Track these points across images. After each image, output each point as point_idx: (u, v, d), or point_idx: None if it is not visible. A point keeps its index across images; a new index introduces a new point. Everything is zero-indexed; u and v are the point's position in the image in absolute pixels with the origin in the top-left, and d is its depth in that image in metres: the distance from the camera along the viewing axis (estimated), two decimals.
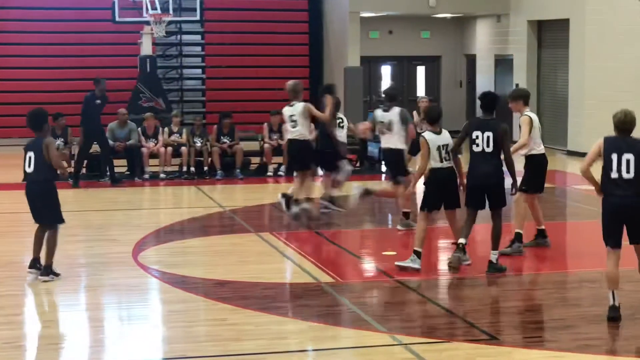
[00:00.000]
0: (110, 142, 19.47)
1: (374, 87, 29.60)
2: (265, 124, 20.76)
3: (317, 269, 11.59)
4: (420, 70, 30.36)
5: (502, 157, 11.21)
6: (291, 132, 14.53)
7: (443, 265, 11.63)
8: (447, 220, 11.78)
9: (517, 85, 26.29)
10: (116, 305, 10.30)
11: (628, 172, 8.99)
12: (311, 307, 10.01)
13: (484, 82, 28.46)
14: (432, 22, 29.41)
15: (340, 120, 15.80)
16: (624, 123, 9.23)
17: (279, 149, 20.38)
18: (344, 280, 11.09)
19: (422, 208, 11.47)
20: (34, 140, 10.81)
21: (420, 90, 29.80)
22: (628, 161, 9.00)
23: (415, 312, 9.98)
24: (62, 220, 10.99)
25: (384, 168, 15.47)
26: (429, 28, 29.75)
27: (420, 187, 12.26)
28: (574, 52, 24.11)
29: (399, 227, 14.08)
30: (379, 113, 14.06)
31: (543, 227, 12.55)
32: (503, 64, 27.53)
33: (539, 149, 12.22)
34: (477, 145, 11.15)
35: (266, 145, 20.45)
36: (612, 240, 9.19)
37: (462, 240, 11.34)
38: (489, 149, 11.08)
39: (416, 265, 11.25)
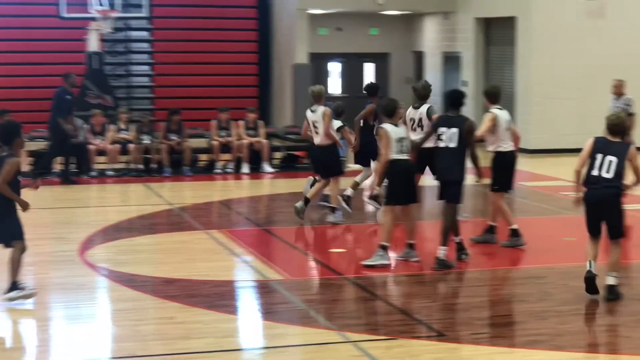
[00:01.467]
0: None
1: (323, 84, 29.55)
2: (214, 121, 20.69)
3: (266, 266, 11.58)
4: (369, 67, 30.42)
5: (467, 153, 11.31)
6: (315, 138, 14.23)
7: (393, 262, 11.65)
8: (402, 215, 11.69)
9: (464, 82, 26.46)
10: (63, 304, 10.21)
11: (608, 172, 9.62)
12: (260, 305, 10.01)
13: (433, 79, 28.57)
14: (380, 19, 29.48)
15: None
16: (614, 125, 9.88)
17: (227, 146, 20.34)
18: (293, 278, 11.09)
19: (387, 202, 11.48)
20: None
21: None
22: (610, 162, 9.62)
23: (364, 309, 10.01)
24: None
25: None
26: (377, 25, 29.82)
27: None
28: (521, 50, 24.29)
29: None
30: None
31: (495, 224, 12.59)
32: (451, 61, 27.68)
33: (506, 146, 12.27)
34: (443, 140, 11.30)
35: (214, 143, 20.39)
36: (591, 229, 9.88)
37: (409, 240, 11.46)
38: (453, 145, 11.22)
39: (385, 261, 11.25)
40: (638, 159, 9.80)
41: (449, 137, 11.25)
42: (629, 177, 9.84)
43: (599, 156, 9.70)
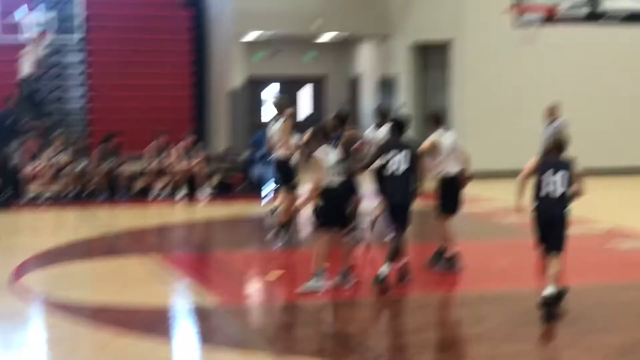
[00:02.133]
0: None
1: (258, 109, 29.64)
2: (150, 146, 20.61)
3: (203, 291, 11.54)
4: (306, 91, 30.52)
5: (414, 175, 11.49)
6: (276, 150, 14.38)
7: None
8: (336, 240, 11.63)
9: (401, 105, 26.64)
10: None
11: (556, 189, 10.05)
12: (197, 331, 9.97)
13: (368, 103, 28.77)
14: (316, 43, 29.60)
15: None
16: (559, 144, 10.28)
17: (163, 171, 20.27)
18: (230, 302, 11.06)
19: (319, 226, 11.50)
20: None
21: (305, 111, 29.95)
22: (557, 180, 10.05)
23: (302, 334, 10.01)
24: None
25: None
26: (313, 49, 29.94)
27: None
28: (455, 74, 24.56)
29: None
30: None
31: (444, 249, 12.62)
32: (387, 85, 27.86)
33: (450, 170, 12.31)
34: (391, 165, 11.42)
35: (150, 167, 20.30)
36: (543, 246, 10.23)
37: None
38: (401, 170, 11.37)
39: (321, 285, 11.25)
40: (580, 175, 10.17)
41: (398, 161, 11.37)
42: (572, 189, 10.14)
43: (548, 174, 10.09)
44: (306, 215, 14.69)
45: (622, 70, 24.93)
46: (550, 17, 12.80)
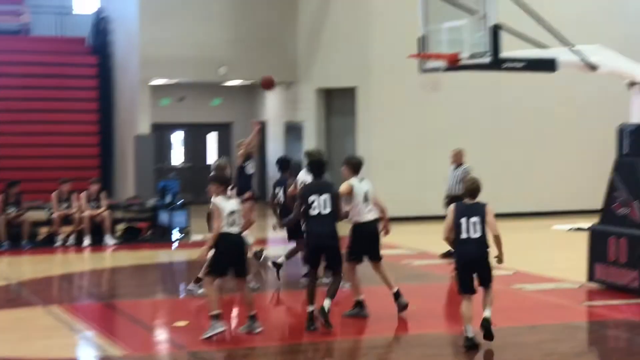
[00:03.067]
0: None
1: (165, 155, 29.49)
2: (54, 193, 20.32)
3: (108, 341, 11.35)
4: (212, 137, 30.47)
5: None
6: None
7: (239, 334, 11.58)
8: (237, 287, 11.66)
9: (307, 152, 26.69)
10: None
11: (475, 232, 10.56)
12: None
13: (275, 148, 28.82)
14: (222, 89, 29.64)
15: None
16: (469, 191, 10.80)
17: (68, 219, 19.99)
18: (136, 353, 10.89)
19: (208, 272, 11.42)
20: None
21: (212, 157, 29.88)
22: (475, 223, 10.56)
23: None
24: None
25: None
26: (219, 95, 29.96)
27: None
28: (361, 119, 24.76)
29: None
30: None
31: (361, 297, 12.61)
32: (293, 130, 27.97)
33: (361, 218, 12.26)
34: (314, 208, 11.56)
35: (55, 215, 20.00)
36: (465, 288, 10.64)
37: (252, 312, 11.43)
38: (326, 212, 11.55)
39: (219, 329, 11.13)
40: (493, 216, 10.68)
41: (321, 204, 11.53)
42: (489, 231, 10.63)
43: (464, 220, 10.59)
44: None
45: (521, 115, 25.39)
46: (453, 64, 12.98)
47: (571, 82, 24.51)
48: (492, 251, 10.65)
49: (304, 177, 13.73)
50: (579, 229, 21.50)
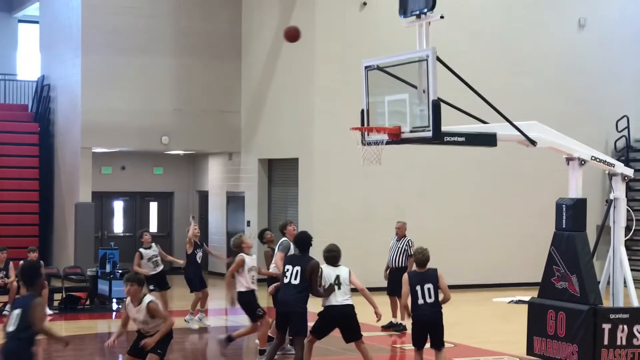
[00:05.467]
0: None
1: (106, 224, 29.30)
2: None
3: None
4: (153, 206, 30.34)
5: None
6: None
7: None
8: None
9: (248, 222, 26.74)
10: None
11: (430, 297, 11.93)
12: None
13: (217, 217, 28.77)
14: (164, 158, 29.59)
15: None
16: (421, 261, 12.15)
17: (5, 288, 19.72)
18: None
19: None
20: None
21: (153, 226, 29.72)
22: (428, 289, 11.92)
23: None
24: None
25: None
26: (161, 164, 29.90)
27: None
28: (303, 190, 24.83)
29: None
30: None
31: None
32: (235, 200, 27.97)
33: (332, 302, 12.72)
34: (287, 277, 12.61)
35: None
36: (420, 345, 12.14)
37: None
38: (296, 282, 12.49)
39: None
40: (444, 280, 12.09)
41: (292, 274, 12.51)
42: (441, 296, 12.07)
43: (418, 287, 11.92)
44: None
45: (462, 187, 25.64)
46: (395, 137, 13.12)
47: (512, 156, 24.87)
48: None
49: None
50: (519, 302, 21.66)
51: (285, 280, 12.59)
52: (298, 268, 12.53)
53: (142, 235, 18.80)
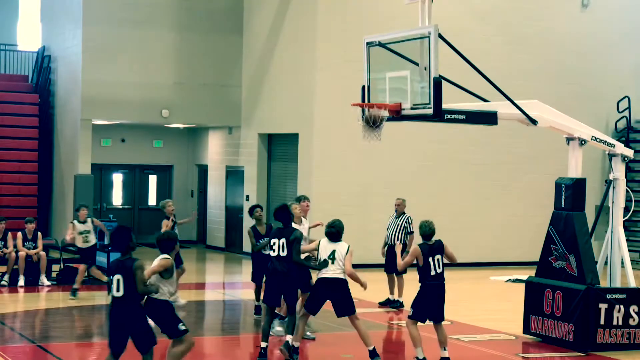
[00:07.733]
0: None
1: (105, 196, 29.30)
2: None
3: None
4: (152, 179, 30.33)
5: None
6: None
7: None
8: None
9: (247, 197, 26.74)
10: None
11: (439, 267, 12.36)
12: None
13: (216, 192, 28.78)
14: (164, 131, 29.57)
15: None
16: (428, 233, 12.44)
17: (3, 258, 19.75)
18: None
19: None
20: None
21: (152, 199, 29.75)
22: (438, 260, 12.36)
23: None
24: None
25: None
26: (161, 137, 29.88)
27: None
28: (302, 165, 24.81)
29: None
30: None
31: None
32: (234, 174, 27.95)
33: (325, 274, 12.57)
34: (274, 250, 12.58)
35: None
36: (422, 318, 12.43)
37: None
38: (284, 253, 12.52)
39: None
40: (449, 249, 12.51)
41: (280, 246, 12.49)
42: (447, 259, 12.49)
43: (431, 259, 12.32)
44: None
45: (462, 167, 25.63)
46: (396, 114, 13.09)
47: (511, 135, 24.85)
48: None
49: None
50: (516, 280, 21.69)
51: (274, 254, 12.61)
52: (283, 240, 12.55)
53: (79, 209, 19.32)
